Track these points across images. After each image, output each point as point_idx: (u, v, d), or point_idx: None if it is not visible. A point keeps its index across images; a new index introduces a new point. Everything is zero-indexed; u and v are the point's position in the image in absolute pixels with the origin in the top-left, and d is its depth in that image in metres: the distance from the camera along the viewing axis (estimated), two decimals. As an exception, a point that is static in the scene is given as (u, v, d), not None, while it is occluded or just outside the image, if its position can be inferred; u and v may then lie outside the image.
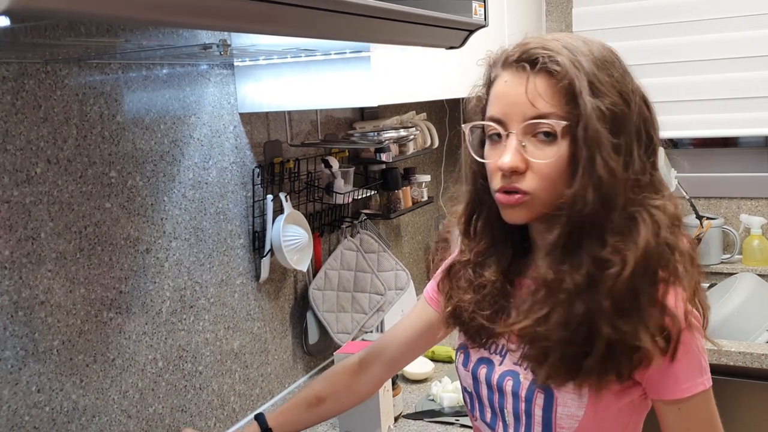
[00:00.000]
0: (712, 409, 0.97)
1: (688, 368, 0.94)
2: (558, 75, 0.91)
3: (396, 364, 1.28)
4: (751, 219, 2.55)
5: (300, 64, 1.58)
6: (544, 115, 0.91)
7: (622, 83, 0.93)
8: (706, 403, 0.96)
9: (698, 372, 0.94)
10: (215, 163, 1.61)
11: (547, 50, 0.93)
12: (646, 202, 0.92)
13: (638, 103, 0.93)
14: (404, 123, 2.13)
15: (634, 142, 0.92)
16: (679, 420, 0.97)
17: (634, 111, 0.92)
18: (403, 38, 1.20)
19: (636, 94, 0.94)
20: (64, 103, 1.26)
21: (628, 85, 0.93)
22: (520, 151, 0.93)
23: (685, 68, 2.59)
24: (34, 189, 1.21)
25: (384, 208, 2.26)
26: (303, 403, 1.29)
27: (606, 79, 0.91)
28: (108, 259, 1.35)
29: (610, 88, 0.91)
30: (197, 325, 1.58)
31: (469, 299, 1.04)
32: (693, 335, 0.94)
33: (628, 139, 0.91)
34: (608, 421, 0.98)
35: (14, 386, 1.19)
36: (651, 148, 0.95)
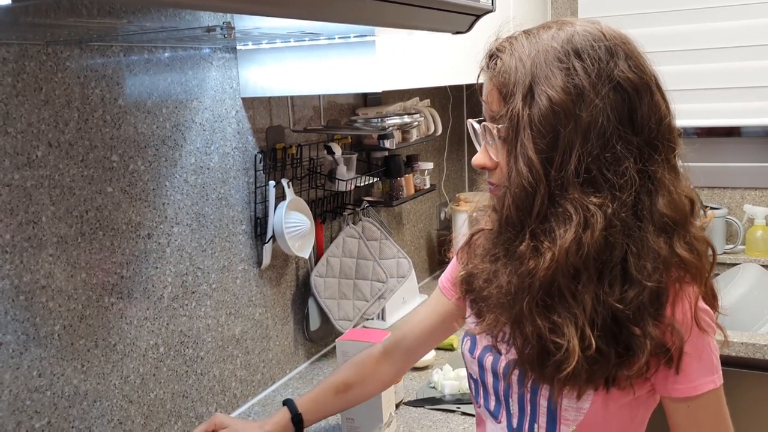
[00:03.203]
0: (722, 406, 0.95)
1: (699, 367, 0.92)
2: (495, 77, 0.93)
3: (414, 354, 1.33)
4: (755, 209, 2.54)
5: (303, 48, 1.56)
6: (494, 116, 0.94)
7: (584, 77, 0.87)
8: (717, 400, 0.95)
9: (709, 371, 0.93)
10: (217, 148, 1.60)
11: (500, 49, 0.94)
12: (579, 201, 0.87)
13: (608, 96, 0.87)
14: (408, 109, 2.11)
15: (579, 138, 0.87)
16: (687, 417, 0.95)
17: (588, 106, 0.87)
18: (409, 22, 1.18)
19: (609, 85, 0.87)
20: (66, 86, 1.24)
21: (596, 77, 0.87)
22: (486, 150, 0.97)
23: (690, 57, 2.57)
24: (35, 172, 1.20)
25: (386, 196, 2.25)
26: (331, 390, 1.34)
27: (554, 75, 0.88)
28: (109, 243, 1.34)
29: (554, 85, 0.87)
30: (199, 310, 1.57)
31: (482, 267, 1.01)
32: (704, 336, 0.92)
33: (567, 136, 0.87)
34: (615, 414, 0.97)
35: (15, 370, 1.18)
36: (620, 140, 0.88)
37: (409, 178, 2.31)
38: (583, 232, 0.87)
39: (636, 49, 0.92)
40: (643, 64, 0.92)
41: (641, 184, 0.88)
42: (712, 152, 2.68)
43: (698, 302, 0.91)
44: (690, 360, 0.91)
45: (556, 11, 2.81)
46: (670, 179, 0.90)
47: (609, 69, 0.88)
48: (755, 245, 2.52)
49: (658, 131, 0.90)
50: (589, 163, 0.87)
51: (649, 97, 0.90)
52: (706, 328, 0.92)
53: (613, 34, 0.92)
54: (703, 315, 0.92)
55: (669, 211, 0.89)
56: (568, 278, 0.88)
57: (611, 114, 0.87)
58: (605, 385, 0.92)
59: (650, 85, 0.91)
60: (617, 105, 0.88)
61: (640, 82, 0.89)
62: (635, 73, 0.89)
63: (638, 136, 0.89)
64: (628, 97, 0.88)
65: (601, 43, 0.90)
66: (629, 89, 0.89)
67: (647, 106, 0.89)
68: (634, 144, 0.88)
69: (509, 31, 0.98)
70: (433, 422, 1.60)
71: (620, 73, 0.88)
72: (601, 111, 0.87)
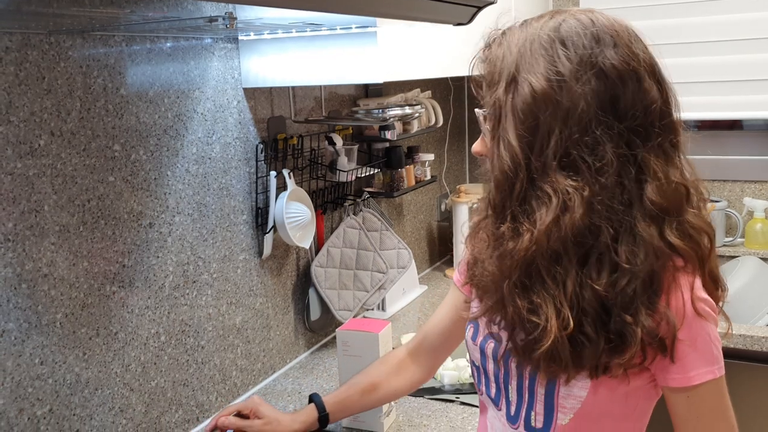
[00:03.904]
0: (722, 398, 0.94)
1: (696, 356, 0.91)
2: (484, 66, 0.96)
3: (440, 352, 1.32)
4: (755, 202, 2.55)
5: (305, 39, 1.56)
6: (481, 104, 0.98)
7: (566, 64, 0.88)
8: (717, 392, 0.93)
9: (708, 361, 0.91)
10: (219, 138, 1.60)
11: (493, 39, 0.97)
12: (558, 184, 0.88)
13: (589, 82, 0.88)
14: (409, 101, 2.11)
15: (558, 123, 0.88)
16: (687, 408, 0.95)
17: (568, 92, 0.88)
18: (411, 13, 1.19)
19: (591, 71, 0.88)
20: (68, 75, 1.25)
21: (578, 64, 0.88)
22: (483, 139, 1.01)
23: (692, 49, 2.57)
24: (38, 161, 1.20)
25: (387, 187, 2.25)
26: (358, 390, 1.35)
27: (538, 63, 0.89)
28: (111, 232, 1.35)
29: (536, 72, 0.89)
30: (200, 300, 1.58)
31: (486, 252, 1.01)
32: (703, 324, 0.91)
33: (547, 122, 0.89)
34: (614, 404, 0.96)
35: (17, 358, 1.19)
36: (599, 126, 0.88)
37: (409, 169, 2.31)
38: (562, 214, 0.88)
39: (628, 36, 0.91)
40: (634, 52, 0.90)
41: (624, 169, 0.88)
42: (713, 145, 2.68)
43: (697, 291, 0.90)
44: (686, 349, 0.90)
45: (558, 3, 2.80)
46: (660, 166, 0.89)
47: (593, 56, 0.89)
48: (754, 238, 2.53)
49: (645, 118, 0.89)
50: (568, 147, 0.88)
51: (636, 84, 0.89)
52: (705, 317, 0.90)
53: (604, 22, 0.92)
54: (702, 304, 0.90)
55: (658, 198, 0.88)
56: (547, 260, 0.89)
57: (591, 100, 0.88)
58: (597, 372, 0.92)
59: (638, 72, 0.90)
60: (599, 91, 0.88)
61: (625, 68, 0.89)
62: (622, 59, 0.89)
63: (622, 122, 0.89)
64: (612, 83, 0.88)
65: (588, 30, 0.90)
66: (613, 76, 0.88)
67: (632, 93, 0.89)
68: (616, 129, 0.88)
69: (509, 22, 0.99)
70: (432, 412, 1.61)
71: (604, 60, 0.88)
72: (580, 97, 0.88)
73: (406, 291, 2.36)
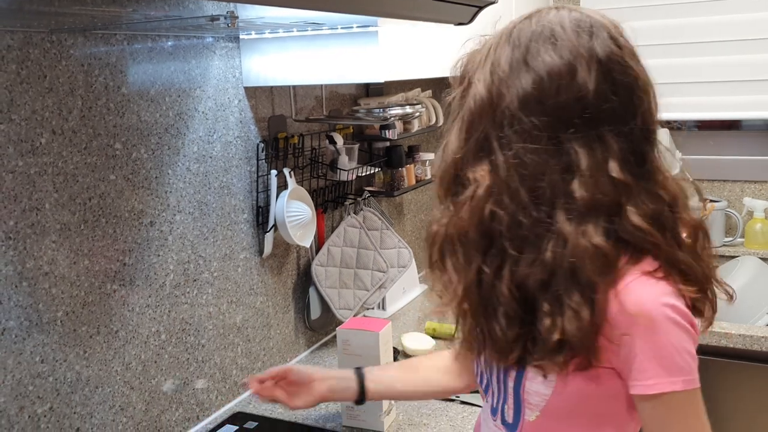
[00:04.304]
0: (691, 412, 0.88)
1: (654, 366, 0.86)
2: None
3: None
4: (754, 202, 2.55)
5: (306, 38, 1.56)
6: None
7: (504, 64, 0.90)
8: (684, 404, 0.87)
9: (669, 371, 0.85)
10: (219, 137, 1.61)
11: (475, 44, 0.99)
12: (473, 173, 0.91)
13: (518, 79, 0.88)
14: (409, 100, 2.11)
15: (484, 119, 0.91)
16: (652, 417, 0.89)
17: (498, 90, 0.89)
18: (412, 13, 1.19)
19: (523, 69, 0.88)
20: (69, 74, 1.25)
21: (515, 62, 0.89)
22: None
23: (692, 50, 2.57)
24: (39, 159, 1.20)
25: (387, 186, 2.26)
26: (398, 365, 1.40)
27: (485, 65, 0.92)
28: (112, 231, 1.35)
29: (480, 75, 0.92)
30: (200, 298, 1.58)
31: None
32: (665, 331, 0.85)
33: (477, 119, 0.92)
34: (586, 406, 0.93)
35: (18, 356, 1.19)
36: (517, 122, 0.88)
37: (410, 168, 2.31)
38: (469, 202, 0.91)
39: (572, 30, 0.89)
40: (574, 47, 0.88)
41: (544, 163, 0.87)
42: (713, 145, 2.69)
43: (660, 296, 0.86)
44: (644, 357, 0.86)
45: (559, 2, 2.81)
46: (588, 161, 0.86)
47: (526, 54, 0.89)
48: (754, 238, 2.53)
49: (573, 112, 0.87)
50: (489, 138, 0.90)
51: (568, 78, 0.87)
52: (665, 324, 0.85)
53: (555, 19, 0.90)
54: (668, 310, 0.85)
55: (583, 194, 0.86)
56: (449, 245, 0.94)
57: (516, 97, 0.88)
58: (524, 364, 0.92)
59: (575, 66, 0.87)
60: (525, 87, 0.88)
61: (557, 63, 0.87)
62: (559, 55, 0.87)
63: (547, 116, 0.87)
64: (540, 79, 0.87)
65: (532, 28, 0.90)
66: (542, 72, 0.87)
67: (565, 88, 0.87)
68: (538, 125, 0.87)
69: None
70: (432, 411, 1.61)
71: (536, 57, 0.88)
72: (506, 93, 0.89)
73: (406, 290, 2.36)
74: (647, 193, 0.88)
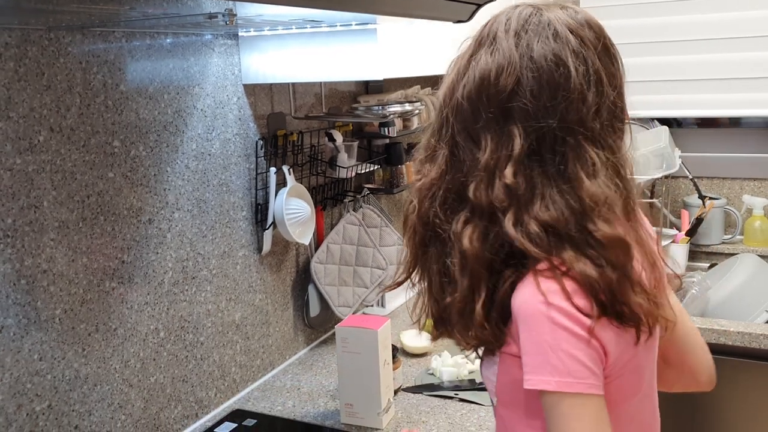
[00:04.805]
0: (569, 418, 0.84)
1: (529, 360, 0.85)
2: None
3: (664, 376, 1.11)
4: (753, 200, 2.55)
5: (305, 35, 1.56)
6: None
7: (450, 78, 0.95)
8: (559, 408, 0.84)
9: (542, 369, 0.84)
10: (218, 135, 1.60)
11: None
12: (416, 177, 0.98)
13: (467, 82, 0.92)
14: (409, 97, 2.11)
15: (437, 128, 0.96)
16: (545, 414, 0.87)
17: (446, 101, 0.94)
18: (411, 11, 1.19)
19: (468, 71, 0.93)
20: (68, 71, 1.24)
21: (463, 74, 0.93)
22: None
23: (691, 47, 2.56)
24: (37, 157, 1.20)
25: (387, 183, 2.25)
26: None
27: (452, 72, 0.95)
28: (110, 228, 1.35)
29: (445, 81, 0.96)
30: (199, 296, 1.58)
31: None
32: (540, 329, 0.84)
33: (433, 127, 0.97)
34: (520, 396, 0.92)
35: (16, 354, 1.19)
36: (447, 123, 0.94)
37: (409, 165, 2.30)
38: (416, 196, 0.97)
39: (514, 32, 0.90)
40: (509, 50, 0.90)
41: (454, 163, 0.93)
42: (712, 143, 2.69)
43: (548, 294, 0.84)
44: (524, 352, 0.86)
45: None
46: (486, 162, 0.89)
47: (472, 58, 0.93)
48: (753, 235, 2.53)
49: (487, 107, 0.90)
50: (433, 139, 0.97)
51: (494, 80, 0.89)
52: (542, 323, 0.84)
53: (504, 20, 0.92)
54: (546, 309, 0.84)
55: (473, 195, 0.90)
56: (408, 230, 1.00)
57: (455, 99, 0.93)
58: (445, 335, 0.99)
59: (502, 69, 0.89)
60: (462, 91, 0.92)
61: (489, 67, 0.90)
62: (493, 59, 0.90)
63: (467, 114, 0.92)
64: (471, 81, 0.91)
65: (484, 31, 0.94)
66: (476, 75, 0.91)
67: (486, 88, 0.90)
68: (459, 126, 0.93)
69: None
70: (431, 408, 1.61)
71: (477, 61, 0.92)
72: (450, 96, 0.94)
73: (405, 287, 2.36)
74: (550, 200, 0.87)
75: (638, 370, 0.94)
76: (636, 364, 0.93)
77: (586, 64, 0.88)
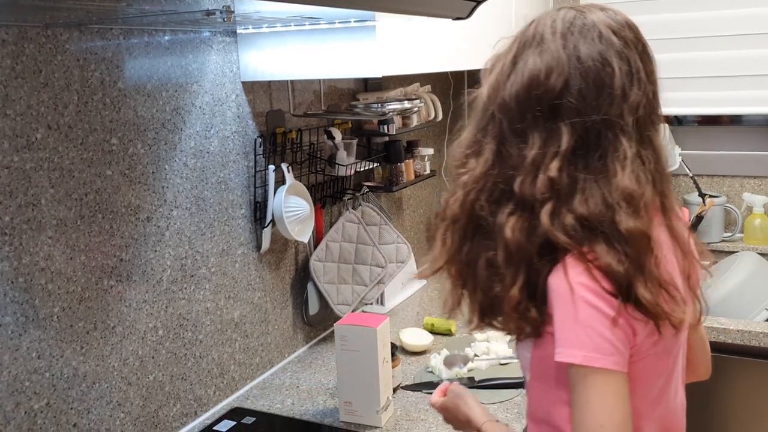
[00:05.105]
0: (587, 393, 0.91)
1: (561, 335, 0.93)
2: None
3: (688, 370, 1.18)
4: (754, 198, 2.54)
5: (304, 32, 1.56)
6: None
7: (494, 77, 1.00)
8: (581, 381, 0.91)
9: (570, 343, 0.91)
10: (217, 132, 1.60)
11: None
12: (461, 171, 1.03)
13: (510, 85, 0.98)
14: (408, 95, 2.11)
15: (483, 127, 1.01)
16: (570, 387, 0.94)
17: (491, 101, 1.00)
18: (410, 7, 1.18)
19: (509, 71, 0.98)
20: (65, 69, 1.24)
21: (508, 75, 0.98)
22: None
23: (692, 45, 2.56)
24: (35, 155, 1.20)
25: (386, 181, 2.25)
26: None
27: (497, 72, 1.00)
28: (109, 226, 1.35)
29: (487, 82, 1.01)
30: (198, 294, 1.58)
31: None
32: (573, 307, 0.91)
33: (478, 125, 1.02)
34: (554, 371, 0.98)
35: (14, 352, 1.19)
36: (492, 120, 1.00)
37: (409, 163, 2.31)
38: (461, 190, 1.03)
39: (561, 35, 0.95)
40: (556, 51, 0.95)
41: (502, 158, 0.98)
42: (712, 140, 2.68)
43: (576, 275, 0.91)
44: (557, 327, 0.93)
45: None
46: (534, 158, 0.95)
47: (518, 59, 0.98)
48: (753, 233, 2.52)
49: (537, 107, 0.95)
50: (479, 136, 1.02)
51: (544, 79, 0.95)
52: (576, 299, 0.91)
53: (549, 23, 0.97)
54: (579, 289, 0.91)
55: (519, 190, 0.96)
56: (448, 224, 1.05)
57: (501, 98, 0.98)
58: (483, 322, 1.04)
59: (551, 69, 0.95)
60: (510, 90, 0.98)
61: (538, 67, 0.96)
62: (541, 59, 0.96)
63: (515, 113, 0.97)
64: (520, 81, 0.97)
65: (529, 33, 0.99)
66: (524, 75, 0.97)
67: (536, 87, 0.95)
68: (509, 124, 0.98)
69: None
70: (428, 406, 1.61)
71: (525, 62, 0.97)
72: (496, 96, 0.99)
73: (404, 285, 2.36)
74: (591, 194, 0.93)
75: (665, 352, 1.00)
76: (663, 346, 0.99)
77: (628, 64, 0.94)
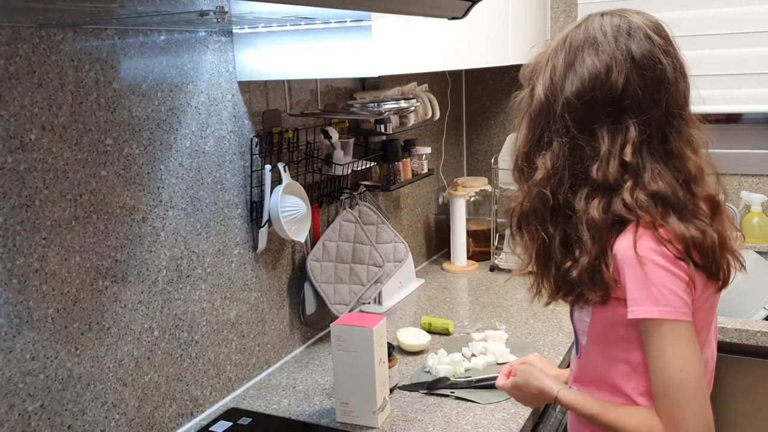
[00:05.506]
0: (665, 341, 1.04)
1: (638, 296, 1.04)
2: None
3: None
4: (752, 196, 2.54)
5: (300, 32, 1.55)
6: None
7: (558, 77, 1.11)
8: (657, 332, 1.04)
9: (648, 300, 1.04)
10: (213, 132, 1.60)
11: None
12: (538, 166, 1.14)
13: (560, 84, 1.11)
14: (405, 94, 2.10)
15: (543, 117, 1.13)
16: (644, 341, 1.07)
17: (553, 101, 1.11)
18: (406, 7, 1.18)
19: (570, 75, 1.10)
20: (59, 69, 1.24)
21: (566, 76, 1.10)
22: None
23: (690, 43, 2.54)
24: (29, 156, 1.19)
25: (383, 180, 2.25)
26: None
27: (549, 74, 1.12)
28: (103, 227, 1.34)
29: (542, 83, 1.13)
30: (193, 294, 1.57)
31: None
32: (645, 269, 1.03)
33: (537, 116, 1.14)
34: (614, 330, 1.12)
35: (8, 354, 1.18)
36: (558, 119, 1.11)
37: (406, 162, 2.30)
38: (536, 184, 1.14)
39: (612, 36, 1.08)
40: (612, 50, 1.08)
41: (573, 152, 1.10)
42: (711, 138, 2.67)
43: (645, 240, 1.04)
44: (630, 289, 1.05)
45: None
46: (607, 148, 1.08)
47: (575, 60, 1.10)
48: (751, 232, 2.52)
49: (604, 106, 1.08)
50: (543, 134, 1.14)
51: (605, 78, 1.07)
52: (645, 261, 1.03)
53: (598, 26, 1.10)
54: (649, 252, 1.04)
55: (596, 175, 1.08)
56: (525, 218, 1.17)
57: (564, 98, 1.10)
58: (556, 297, 1.17)
59: (611, 67, 1.07)
60: (571, 89, 1.10)
61: (597, 66, 1.08)
62: (599, 59, 1.08)
63: (584, 112, 1.09)
64: (582, 81, 1.09)
65: (581, 36, 1.11)
66: (585, 75, 1.09)
67: (599, 86, 1.07)
68: (578, 121, 1.10)
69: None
70: (426, 406, 1.61)
71: (582, 62, 1.09)
72: (558, 96, 1.11)
73: (402, 285, 2.36)
74: (660, 173, 1.07)
75: (711, 308, 1.16)
76: (711, 303, 1.15)
77: (673, 59, 1.09)
